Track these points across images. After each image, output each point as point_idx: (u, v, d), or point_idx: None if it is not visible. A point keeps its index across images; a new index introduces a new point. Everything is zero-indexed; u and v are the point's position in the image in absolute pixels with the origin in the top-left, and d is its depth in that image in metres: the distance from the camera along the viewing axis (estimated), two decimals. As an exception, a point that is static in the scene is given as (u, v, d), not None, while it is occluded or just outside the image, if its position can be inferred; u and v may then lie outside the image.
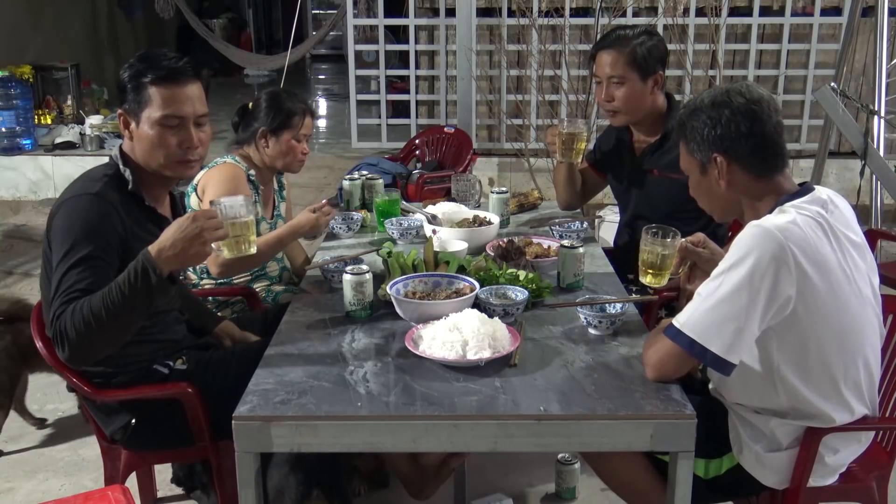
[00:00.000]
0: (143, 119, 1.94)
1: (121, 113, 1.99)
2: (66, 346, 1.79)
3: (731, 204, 1.83)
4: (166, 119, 1.93)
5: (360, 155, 5.90)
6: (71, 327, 1.77)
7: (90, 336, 1.78)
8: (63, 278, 1.83)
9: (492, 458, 2.87)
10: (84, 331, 1.77)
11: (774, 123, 1.75)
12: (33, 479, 2.87)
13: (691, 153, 1.83)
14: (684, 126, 1.83)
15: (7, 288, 4.66)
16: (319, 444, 1.61)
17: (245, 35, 12.46)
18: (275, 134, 2.75)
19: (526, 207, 3.11)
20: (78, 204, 1.90)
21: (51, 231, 1.92)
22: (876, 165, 4.12)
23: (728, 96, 1.76)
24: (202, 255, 1.80)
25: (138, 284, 1.76)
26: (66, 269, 1.83)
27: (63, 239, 1.86)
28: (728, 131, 1.74)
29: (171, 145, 1.95)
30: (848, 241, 1.73)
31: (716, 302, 1.63)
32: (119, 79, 1.99)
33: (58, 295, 1.82)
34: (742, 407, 1.81)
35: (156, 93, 1.93)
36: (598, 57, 2.67)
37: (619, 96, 2.64)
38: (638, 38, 2.62)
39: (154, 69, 1.93)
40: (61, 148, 6.17)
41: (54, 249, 1.89)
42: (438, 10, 5.99)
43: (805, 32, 5.92)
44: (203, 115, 2.00)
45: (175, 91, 1.94)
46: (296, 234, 2.62)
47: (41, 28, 7.62)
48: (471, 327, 1.79)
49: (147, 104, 1.93)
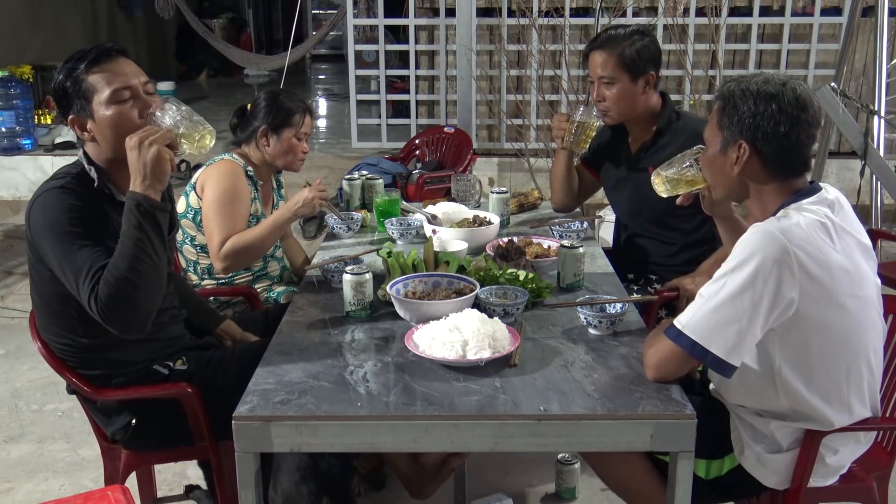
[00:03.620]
0: (96, 108, 1.90)
1: (72, 120, 1.94)
2: (114, 318, 1.80)
3: (736, 187, 1.82)
4: (117, 93, 1.89)
5: (360, 155, 5.90)
6: (112, 297, 1.77)
7: (132, 295, 1.79)
8: (77, 265, 1.81)
9: (492, 458, 2.87)
10: (124, 293, 1.77)
11: (811, 135, 1.74)
12: (33, 479, 2.87)
13: (721, 126, 1.79)
14: (729, 99, 1.77)
15: (7, 288, 4.67)
16: (319, 444, 1.61)
17: (245, 35, 12.45)
18: (276, 132, 2.76)
19: (526, 207, 3.11)
20: (48, 198, 1.88)
21: (32, 231, 1.89)
22: (876, 165, 4.12)
23: (782, 90, 1.72)
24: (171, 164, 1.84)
25: (143, 220, 1.79)
26: (72, 257, 1.82)
27: (49, 232, 1.84)
28: (766, 126, 1.72)
29: (134, 118, 1.91)
30: (855, 242, 1.73)
31: (718, 303, 1.63)
32: (55, 91, 1.94)
33: (82, 282, 1.80)
34: (742, 409, 1.81)
35: (96, 78, 1.90)
36: (590, 57, 2.68)
37: (609, 96, 2.64)
38: (629, 38, 2.61)
39: (82, 59, 1.91)
40: (61, 148, 6.17)
41: (45, 247, 1.86)
42: (438, 10, 5.99)
43: (805, 32, 5.92)
44: (147, 82, 1.97)
45: (112, 67, 1.91)
46: (290, 213, 2.64)
47: (41, 28, 7.62)
48: (471, 327, 1.79)
49: (92, 93, 1.90)
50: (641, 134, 2.75)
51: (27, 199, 6.45)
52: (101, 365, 2.03)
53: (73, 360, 2.04)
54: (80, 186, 1.92)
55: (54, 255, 1.85)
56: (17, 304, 4.45)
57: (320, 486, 2.08)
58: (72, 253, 1.82)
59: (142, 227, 1.79)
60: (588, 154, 2.93)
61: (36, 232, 1.88)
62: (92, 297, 1.79)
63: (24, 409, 3.36)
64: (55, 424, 3.23)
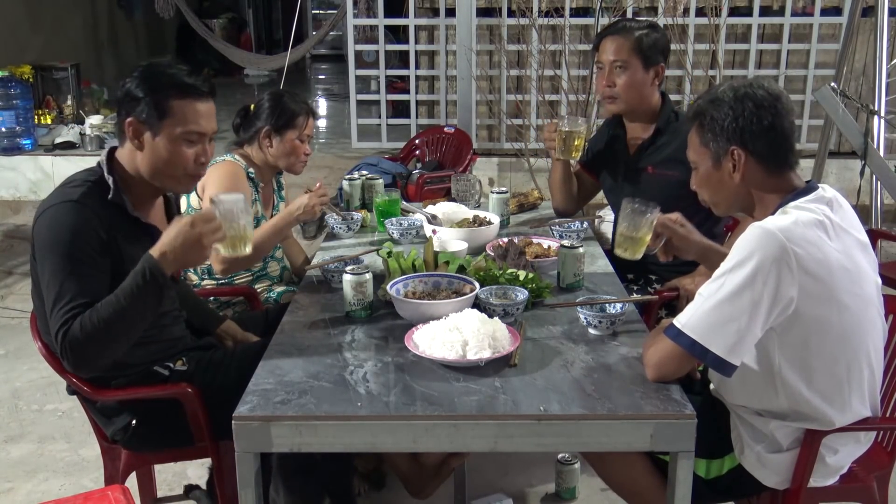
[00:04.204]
0: (163, 132, 1.92)
1: (131, 122, 1.94)
2: (75, 358, 1.81)
3: (740, 197, 1.81)
4: (188, 134, 1.94)
5: (360, 155, 5.89)
6: (82, 339, 1.78)
7: (103, 344, 1.80)
8: (60, 291, 1.81)
9: (492, 458, 2.87)
10: (96, 340, 1.79)
11: (791, 121, 1.76)
12: (33, 479, 2.87)
13: (705, 144, 1.80)
14: (703, 115, 1.79)
15: (7, 288, 4.67)
16: (319, 444, 1.61)
17: (245, 35, 12.45)
18: (279, 133, 2.76)
19: (526, 207, 3.11)
20: (58, 212, 1.87)
21: (36, 241, 1.90)
22: (876, 165, 4.11)
23: (752, 89, 1.74)
24: (202, 259, 1.86)
25: (147, 289, 1.79)
26: (61, 280, 1.82)
27: (51, 250, 1.85)
28: (750, 125, 1.73)
29: (189, 160, 1.96)
30: (854, 240, 1.73)
31: (717, 303, 1.63)
32: (129, 87, 1.94)
33: (58, 308, 1.81)
34: (743, 408, 1.81)
35: (179, 107, 1.92)
36: (602, 43, 2.67)
37: (620, 82, 2.64)
38: (643, 28, 2.65)
39: (177, 85, 1.93)
40: (61, 148, 6.17)
41: (43, 260, 1.86)
42: (438, 10, 5.99)
43: (805, 32, 5.92)
44: (216, 131, 2.03)
45: (197, 107, 1.95)
46: (291, 219, 2.63)
47: (41, 28, 7.62)
48: (471, 327, 1.79)
49: (168, 117, 1.92)
50: (640, 133, 2.75)
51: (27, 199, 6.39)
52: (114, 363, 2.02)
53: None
54: (93, 200, 1.91)
55: (48, 270, 1.85)
56: (17, 304, 4.45)
57: (322, 487, 2.08)
58: (62, 276, 1.82)
59: (143, 294, 1.80)
60: (586, 157, 2.93)
61: (39, 242, 1.89)
62: (62, 329, 1.79)
63: (24, 409, 3.36)
64: (55, 424, 3.23)
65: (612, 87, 2.66)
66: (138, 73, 1.96)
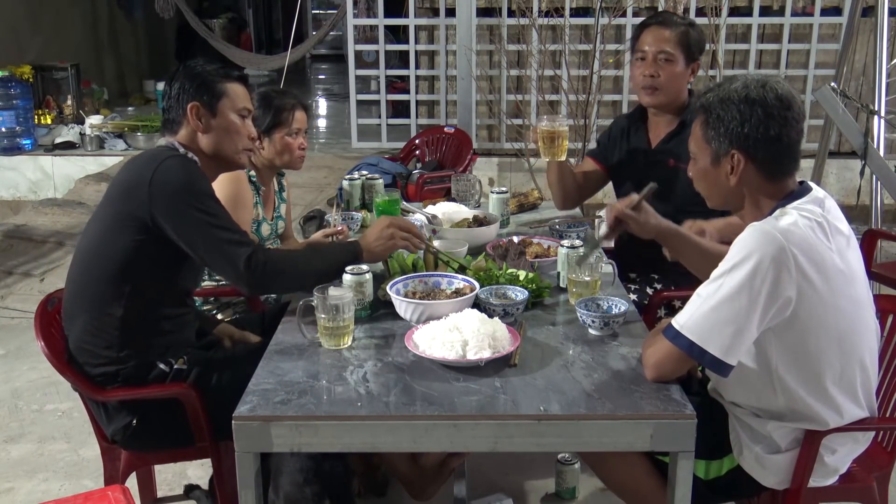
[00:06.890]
0: (222, 111, 2.16)
1: (194, 106, 2.13)
2: (265, 277, 2.02)
3: (732, 197, 1.80)
4: (241, 111, 2.20)
5: (360, 155, 5.89)
6: (274, 273, 2.03)
7: (288, 283, 2.13)
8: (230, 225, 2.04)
9: (492, 458, 2.87)
10: (287, 278, 2.09)
11: (799, 130, 1.72)
12: (33, 479, 2.87)
13: (707, 140, 1.77)
14: (710, 110, 1.75)
15: (7, 288, 4.66)
16: (319, 444, 1.61)
17: (245, 35, 12.44)
18: (267, 134, 2.74)
19: (526, 207, 3.11)
20: (182, 163, 2.06)
21: (163, 192, 1.99)
22: (876, 165, 4.11)
23: (763, 93, 1.69)
24: (386, 254, 2.20)
25: (345, 264, 2.09)
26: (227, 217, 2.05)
27: (192, 191, 2.01)
28: (755, 132, 1.70)
29: (245, 133, 2.22)
30: (844, 240, 1.73)
31: (716, 303, 1.63)
32: (182, 81, 2.16)
33: (237, 237, 2.02)
34: (740, 409, 1.81)
35: (232, 89, 2.19)
36: (647, 32, 2.66)
37: (665, 74, 2.63)
38: (687, 24, 2.68)
39: (224, 73, 2.21)
40: (61, 148, 6.17)
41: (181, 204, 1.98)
42: (438, 10, 5.99)
43: (805, 32, 5.92)
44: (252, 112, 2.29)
45: (244, 89, 2.24)
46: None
47: (41, 28, 7.61)
48: (471, 327, 1.79)
49: (225, 97, 2.17)
50: (664, 127, 2.73)
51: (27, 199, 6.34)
52: (129, 345, 2.04)
53: (100, 339, 2.04)
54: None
55: (201, 209, 1.99)
56: (16, 304, 4.44)
57: (322, 488, 2.08)
58: (225, 215, 2.04)
59: (340, 265, 2.09)
60: (596, 149, 2.92)
61: (170, 190, 1.99)
62: (248, 256, 1.99)
63: (24, 409, 3.36)
64: (55, 424, 3.23)
65: (656, 77, 2.64)
66: (183, 70, 2.19)
